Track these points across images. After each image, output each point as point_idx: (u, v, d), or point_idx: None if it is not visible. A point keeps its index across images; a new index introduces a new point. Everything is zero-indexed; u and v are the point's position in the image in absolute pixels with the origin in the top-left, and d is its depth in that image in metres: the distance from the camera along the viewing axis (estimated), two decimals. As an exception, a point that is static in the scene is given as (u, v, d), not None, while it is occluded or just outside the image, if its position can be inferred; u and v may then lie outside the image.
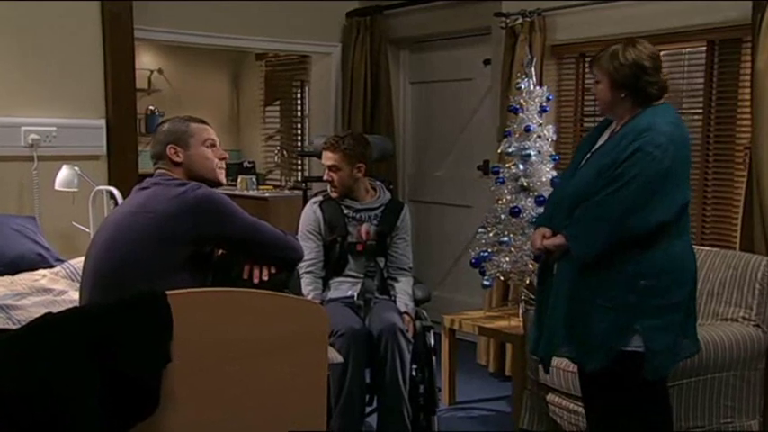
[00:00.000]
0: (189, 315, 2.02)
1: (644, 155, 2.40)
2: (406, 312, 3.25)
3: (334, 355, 2.41)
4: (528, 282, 3.85)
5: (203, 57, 6.60)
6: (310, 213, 3.37)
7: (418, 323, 3.29)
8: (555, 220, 2.65)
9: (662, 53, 2.71)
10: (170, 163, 2.38)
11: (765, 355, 3.23)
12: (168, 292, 2.01)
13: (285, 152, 6.54)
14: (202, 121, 2.46)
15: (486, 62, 4.92)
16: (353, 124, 5.26)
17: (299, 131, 6.55)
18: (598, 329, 2.49)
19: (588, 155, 2.66)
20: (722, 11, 3.66)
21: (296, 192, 6.04)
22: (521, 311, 3.87)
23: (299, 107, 6.54)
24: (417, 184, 5.57)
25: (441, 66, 5.36)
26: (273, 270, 2.33)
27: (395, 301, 3.31)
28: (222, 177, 2.44)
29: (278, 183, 6.56)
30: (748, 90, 3.70)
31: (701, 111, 3.87)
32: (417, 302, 3.38)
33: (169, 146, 2.38)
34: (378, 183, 3.50)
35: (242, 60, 6.98)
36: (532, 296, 3.87)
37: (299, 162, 6.49)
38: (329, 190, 3.38)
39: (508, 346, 4.28)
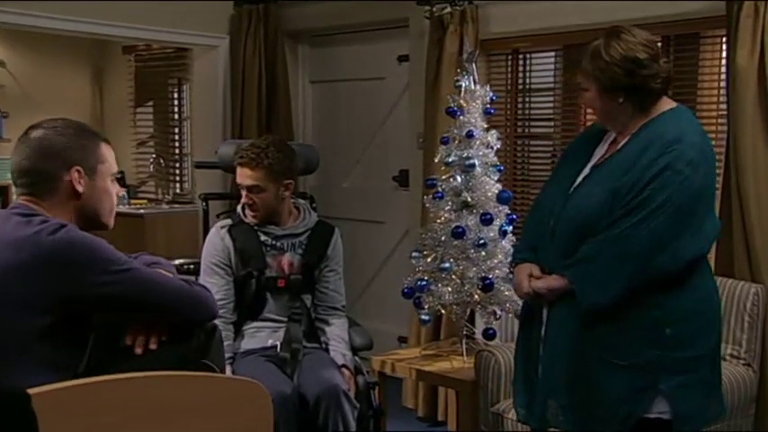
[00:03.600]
0: (67, 423, 1.35)
1: (674, 174, 1.96)
2: (344, 366, 2.59)
3: (280, 453, 1.72)
4: (469, 313, 3.28)
5: (57, 47, 5.72)
6: (217, 241, 2.66)
7: (360, 379, 2.64)
8: (544, 253, 2.13)
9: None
10: (63, 193, 1.68)
11: (756, 399, 2.82)
12: (32, 392, 1.31)
13: (162, 160, 5.70)
14: (107, 141, 1.80)
15: (402, 59, 4.34)
16: (246, 129, 4.59)
17: (177, 136, 5.74)
18: (611, 394, 2.02)
19: (587, 170, 2.13)
20: (678, 3, 3.32)
21: (176, 206, 5.32)
22: (464, 350, 3.28)
23: (176, 108, 5.74)
24: (321, 198, 4.88)
25: (346, 63, 4.76)
26: (164, 337, 1.66)
27: (328, 351, 2.64)
28: (113, 220, 1.81)
29: (153, 196, 5.71)
30: (707, 90, 3.40)
31: (655, 115, 3.47)
32: (355, 351, 2.73)
33: (74, 168, 1.69)
34: (301, 202, 2.83)
35: (106, 52, 6.14)
36: (475, 330, 3.32)
37: (179, 171, 5.66)
38: (243, 213, 2.66)
39: (441, 388, 3.69)
